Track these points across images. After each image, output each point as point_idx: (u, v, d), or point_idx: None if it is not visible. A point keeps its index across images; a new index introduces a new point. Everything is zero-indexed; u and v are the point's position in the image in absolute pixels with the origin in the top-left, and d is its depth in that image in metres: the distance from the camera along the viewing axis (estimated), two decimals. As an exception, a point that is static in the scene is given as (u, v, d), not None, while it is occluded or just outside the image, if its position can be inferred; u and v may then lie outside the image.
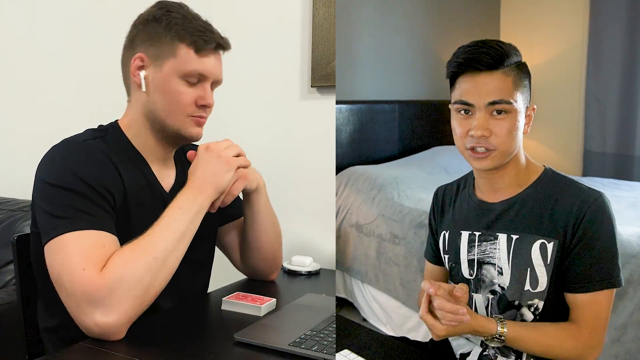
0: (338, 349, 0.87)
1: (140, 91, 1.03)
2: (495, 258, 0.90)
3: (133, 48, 1.04)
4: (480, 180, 0.95)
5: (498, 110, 0.83)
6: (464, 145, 0.87)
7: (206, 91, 1.04)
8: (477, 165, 0.88)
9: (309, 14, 1.67)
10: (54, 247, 0.87)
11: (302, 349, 0.84)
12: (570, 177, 0.91)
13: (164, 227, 0.92)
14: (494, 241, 0.90)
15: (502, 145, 0.84)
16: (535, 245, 0.86)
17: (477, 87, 0.84)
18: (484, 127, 0.84)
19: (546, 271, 0.85)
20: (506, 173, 0.90)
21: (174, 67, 1.01)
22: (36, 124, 2.24)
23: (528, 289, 0.86)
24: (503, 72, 0.84)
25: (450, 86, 0.90)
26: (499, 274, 0.90)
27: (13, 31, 2.31)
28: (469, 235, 0.94)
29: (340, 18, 2.34)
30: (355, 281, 2.05)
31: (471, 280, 0.94)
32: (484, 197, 0.95)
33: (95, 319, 0.82)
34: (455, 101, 0.88)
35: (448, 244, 0.99)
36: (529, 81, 0.88)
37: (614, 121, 2.91)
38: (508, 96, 0.83)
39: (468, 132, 0.85)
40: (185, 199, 0.96)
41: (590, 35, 2.98)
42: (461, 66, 0.85)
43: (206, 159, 1.00)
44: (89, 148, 0.97)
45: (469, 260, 0.94)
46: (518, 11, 3.33)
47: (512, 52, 0.85)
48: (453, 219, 0.99)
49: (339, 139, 2.41)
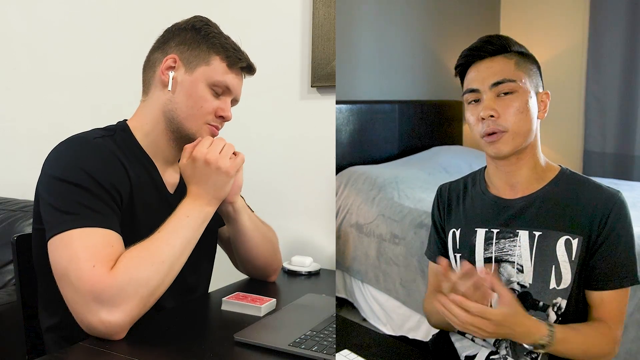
0: (338, 349, 0.87)
1: (163, 90, 1.05)
2: (514, 255, 0.89)
3: (164, 50, 1.07)
4: (496, 175, 0.94)
5: (504, 91, 0.86)
6: (479, 133, 0.88)
7: (227, 104, 1.09)
8: (492, 150, 0.88)
9: (309, 14, 1.67)
10: (59, 242, 0.87)
11: (302, 349, 0.84)
12: (586, 176, 0.92)
13: (172, 233, 0.93)
14: (514, 238, 0.89)
15: (513, 125, 0.85)
16: (560, 241, 0.85)
17: (480, 73, 0.88)
18: (491, 107, 0.86)
19: (571, 268, 0.85)
20: (524, 164, 0.90)
21: (204, 74, 1.05)
22: (36, 123, 2.24)
23: (554, 287, 0.86)
24: (504, 56, 0.88)
25: (462, 85, 0.93)
26: (518, 272, 0.89)
27: (13, 30, 2.31)
28: (485, 232, 0.93)
29: (340, 18, 2.34)
30: (355, 281, 2.05)
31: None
32: (499, 193, 0.94)
33: (100, 316, 0.83)
34: (464, 92, 0.91)
35: (460, 242, 0.97)
36: (537, 69, 0.91)
37: (614, 121, 2.91)
38: (511, 75, 0.86)
39: (479, 119, 0.87)
40: (192, 208, 0.98)
41: (590, 35, 2.98)
42: (466, 58, 0.90)
43: (206, 173, 1.00)
44: (98, 146, 0.97)
45: (485, 258, 0.92)
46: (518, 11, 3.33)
47: (514, 42, 0.89)
48: (464, 216, 0.98)
49: (339, 139, 2.41)
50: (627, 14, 2.83)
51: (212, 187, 1.00)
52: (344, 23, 2.49)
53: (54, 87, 2.21)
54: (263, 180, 1.70)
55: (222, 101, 1.08)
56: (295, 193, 1.70)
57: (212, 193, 1.01)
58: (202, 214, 0.99)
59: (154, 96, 1.07)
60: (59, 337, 1.01)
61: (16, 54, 2.30)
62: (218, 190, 1.01)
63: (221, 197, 1.03)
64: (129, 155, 1.02)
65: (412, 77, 2.97)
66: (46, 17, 2.23)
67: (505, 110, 0.85)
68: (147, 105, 1.08)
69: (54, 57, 2.21)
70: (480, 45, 0.89)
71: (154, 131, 1.07)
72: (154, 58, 1.08)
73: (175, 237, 0.93)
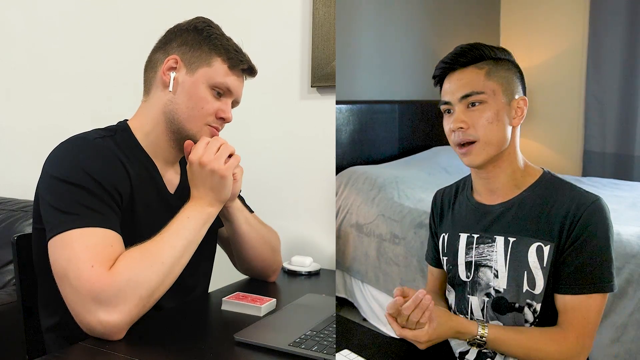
0: (338, 349, 0.87)
1: (164, 91, 1.05)
2: (492, 260, 0.90)
3: (166, 50, 1.07)
4: (477, 181, 0.96)
5: (472, 102, 0.87)
6: (452, 143, 0.90)
7: (228, 106, 1.09)
8: (465, 161, 0.90)
9: (309, 14, 1.67)
10: (59, 242, 0.87)
11: (302, 349, 0.84)
12: (570, 179, 0.91)
13: (174, 235, 0.93)
14: (492, 244, 0.91)
15: (483, 135, 0.86)
16: (532, 248, 0.86)
17: (451, 85, 0.90)
18: (460, 119, 0.87)
19: (542, 274, 0.85)
20: (501, 172, 0.90)
21: (205, 75, 1.05)
22: (36, 124, 2.24)
23: (527, 289, 0.86)
24: (475, 66, 0.89)
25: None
26: (494, 277, 0.90)
27: (13, 30, 2.31)
28: (467, 237, 0.94)
29: (340, 18, 2.34)
30: (355, 281, 2.05)
31: (468, 282, 0.94)
32: (481, 199, 0.95)
33: (99, 317, 0.83)
34: (439, 104, 0.92)
35: (447, 246, 0.99)
36: (514, 74, 0.90)
37: (614, 121, 2.91)
38: (479, 87, 0.87)
39: (451, 130, 0.89)
40: (193, 210, 0.98)
41: (590, 35, 2.98)
42: (440, 70, 0.92)
43: (202, 177, 1.00)
44: (99, 146, 0.97)
45: (466, 262, 0.94)
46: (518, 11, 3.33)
47: (490, 49, 0.89)
48: (452, 221, 1.00)
49: (339, 139, 2.41)
50: (627, 15, 2.83)
51: (210, 189, 1.00)
52: (344, 23, 2.49)
53: (53, 87, 2.21)
54: (263, 180, 1.70)
55: (222, 102, 1.08)
56: (295, 193, 1.71)
57: (211, 195, 1.01)
58: (204, 215, 0.99)
59: (155, 96, 1.07)
60: (59, 337, 1.01)
61: (16, 54, 2.30)
62: (217, 192, 1.01)
63: (222, 198, 1.02)
64: (129, 156, 1.02)
65: (412, 77, 2.97)
66: (46, 17, 2.23)
67: (475, 121, 0.87)
68: (148, 106, 1.08)
69: (54, 57, 2.20)
70: (452, 58, 0.90)
71: (155, 131, 1.07)
72: (155, 58, 1.08)
73: (176, 239, 0.93)
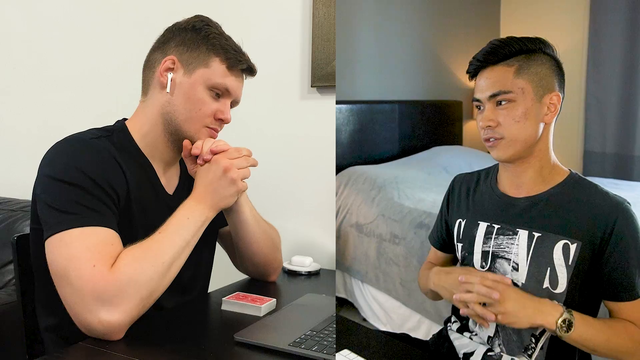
0: (338, 349, 0.87)
1: (162, 92, 1.05)
2: (511, 253, 0.90)
3: (164, 51, 1.06)
4: (504, 173, 0.96)
5: (500, 101, 0.88)
6: (482, 137, 0.92)
7: (226, 107, 1.08)
8: (492, 154, 0.91)
9: (309, 14, 1.67)
10: (58, 241, 0.86)
11: (302, 349, 0.84)
12: (595, 181, 0.91)
13: (173, 234, 0.93)
14: (513, 236, 0.90)
15: (510, 134, 0.87)
16: (557, 245, 0.85)
17: (481, 83, 0.90)
18: (488, 118, 0.89)
19: (566, 272, 0.85)
20: (530, 167, 0.91)
21: (203, 75, 1.04)
22: (36, 123, 2.24)
23: (547, 286, 0.86)
24: (505, 63, 0.88)
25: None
26: (513, 270, 0.89)
27: (13, 30, 2.31)
28: (486, 226, 0.94)
29: (340, 18, 2.34)
30: (355, 281, 2.05)
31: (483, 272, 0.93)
32: (506, 190, 0.95)
33: (100, 316, 0.83)
34: (473, 99, 0.94)
35: (463, 232, 0.99)
36: (549, 69, 0.89)
37: (614, 121, 2.91)
38: (507, 86, 0.87)
39: (480, 127, 0.91)
40: (193, 210, 0.98)
41: (590, 35, 2.98)
42: (472, 66, 0.92)
43: (217, 179, 1.01)
44: (95, 146, 0.97)
45: (483, 251, 0.94)
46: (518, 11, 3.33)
47: (516, 44, 0.88)
48: (471, 208, 1.00)
49: (339, 139, 2.41)
50: (627, 14, 2.83)
51: (218, 195, 1.01)
52: (344, 23, 2.49)
53: (53, 87, 2.20)
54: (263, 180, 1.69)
55: (221, 103, 1.07)
56: (295, 193, 1.70)
57: (216, 199, 1.01)
58: (203, 217, 0.99)
59: (153, 97, 1.06)
60: (58, 336, 1.01)
61: (16, 54, 2.30)
62: (223, 199, 1.02)
63: (223, 206, 1.03)
64: (126, 157, 1.02)
65: (412, 77, 2.97)
66: (46, 17, 2.23)
67: (504, 119, 0.87)
68: (145, 106, 1.07)
69: (54, 57, 2.20)
70: (484, 56, 0.89)
71: (152, 132, 1.06)
72: (153, 58, 1.08)
73: (176, 238, 0.93)
